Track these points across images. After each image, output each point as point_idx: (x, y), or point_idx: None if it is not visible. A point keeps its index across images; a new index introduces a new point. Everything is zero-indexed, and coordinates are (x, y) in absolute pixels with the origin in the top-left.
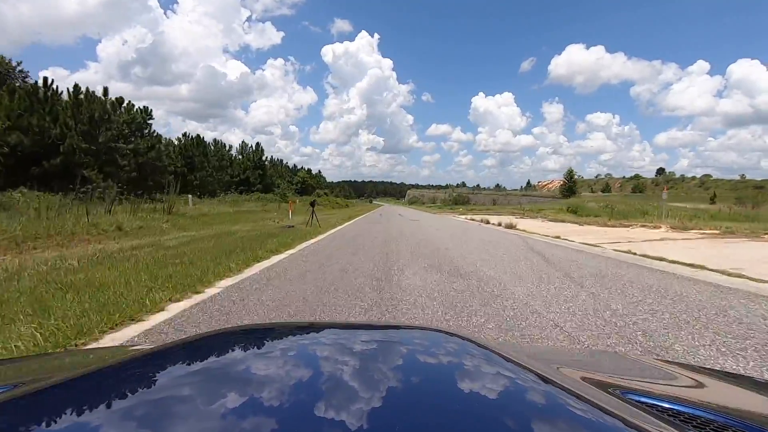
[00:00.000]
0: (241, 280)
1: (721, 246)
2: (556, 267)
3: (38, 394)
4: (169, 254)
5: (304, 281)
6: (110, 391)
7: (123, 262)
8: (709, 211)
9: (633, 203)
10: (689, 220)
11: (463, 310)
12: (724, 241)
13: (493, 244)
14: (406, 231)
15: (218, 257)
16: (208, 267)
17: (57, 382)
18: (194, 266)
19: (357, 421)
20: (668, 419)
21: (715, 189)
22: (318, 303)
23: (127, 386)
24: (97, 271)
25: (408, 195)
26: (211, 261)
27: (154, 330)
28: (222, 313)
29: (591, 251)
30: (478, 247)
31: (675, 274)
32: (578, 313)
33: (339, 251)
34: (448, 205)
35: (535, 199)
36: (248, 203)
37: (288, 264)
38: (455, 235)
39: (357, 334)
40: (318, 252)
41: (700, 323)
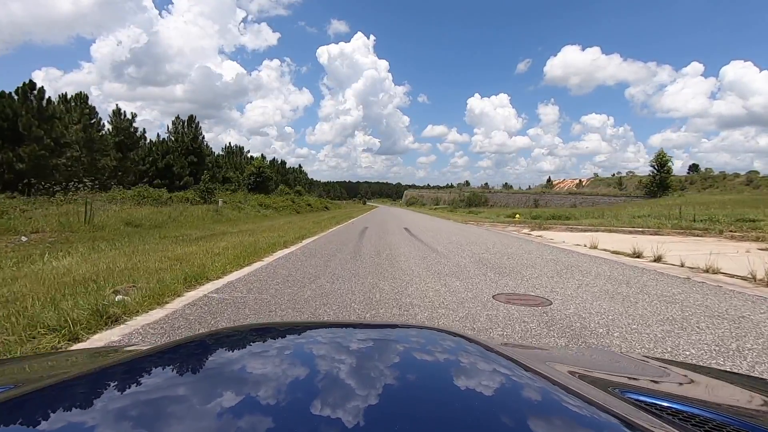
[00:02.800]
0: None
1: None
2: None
3: (38, 394)
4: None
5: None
6: (110, 392)
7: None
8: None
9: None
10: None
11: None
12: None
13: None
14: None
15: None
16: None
17: (57, 382)
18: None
19: (354, 419)
20: (667, 417)
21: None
22: None
23: (127, 386)
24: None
25: (405, 195)
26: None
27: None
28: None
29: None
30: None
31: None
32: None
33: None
34: (460, 207)
35: (581, 199)
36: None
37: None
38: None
39: (355, 333)
40: None
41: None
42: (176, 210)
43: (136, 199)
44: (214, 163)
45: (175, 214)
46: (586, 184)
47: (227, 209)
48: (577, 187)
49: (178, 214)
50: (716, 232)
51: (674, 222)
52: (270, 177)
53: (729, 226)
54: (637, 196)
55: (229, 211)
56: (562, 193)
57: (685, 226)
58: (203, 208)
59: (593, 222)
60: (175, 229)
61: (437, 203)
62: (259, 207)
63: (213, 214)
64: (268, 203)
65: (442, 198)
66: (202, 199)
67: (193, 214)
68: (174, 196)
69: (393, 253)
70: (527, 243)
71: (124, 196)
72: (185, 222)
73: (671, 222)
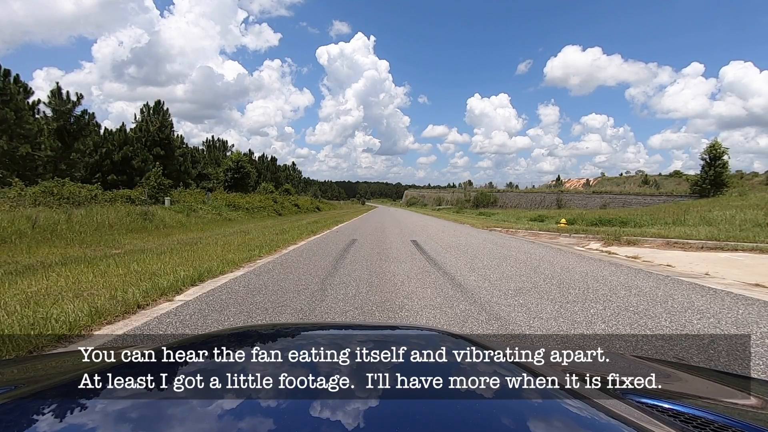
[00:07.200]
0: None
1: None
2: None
3: (39, 394)
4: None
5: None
6: (110, 392)
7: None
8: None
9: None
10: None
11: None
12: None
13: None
14: None
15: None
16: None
17: (57, 382)
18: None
19: (354, 420)
20: (668, 419)
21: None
22: None
23: (127, 386)
24: None
25: (405, 196)
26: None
27: None
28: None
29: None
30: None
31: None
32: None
33: None
34: (466, 208)
35: (608, 198)
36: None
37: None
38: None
39: (356, 335)
40: None
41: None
42: (80, 213)
43: (40, 197)
44: (189, 157)
45: (77, 218)
46: (594, 183)
47: (172, 212)
48: (584, 186)
49: (65, 219)
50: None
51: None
52: (247, 172)
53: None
54: (681, 195)
55: (173, 214)
56: (584, 193)
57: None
58: (124, 210)
59: (683, 232)
60: (39, 245)
61: (440, 203)
62: (227, 208)
63: (138, 218)
64: (241, 203)
65: (445, 198)
66: (152, 198)
67: (106, 219)
68: (107, 195)
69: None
70: (676, 286)
71: (23, 193)
72: (84, 230)
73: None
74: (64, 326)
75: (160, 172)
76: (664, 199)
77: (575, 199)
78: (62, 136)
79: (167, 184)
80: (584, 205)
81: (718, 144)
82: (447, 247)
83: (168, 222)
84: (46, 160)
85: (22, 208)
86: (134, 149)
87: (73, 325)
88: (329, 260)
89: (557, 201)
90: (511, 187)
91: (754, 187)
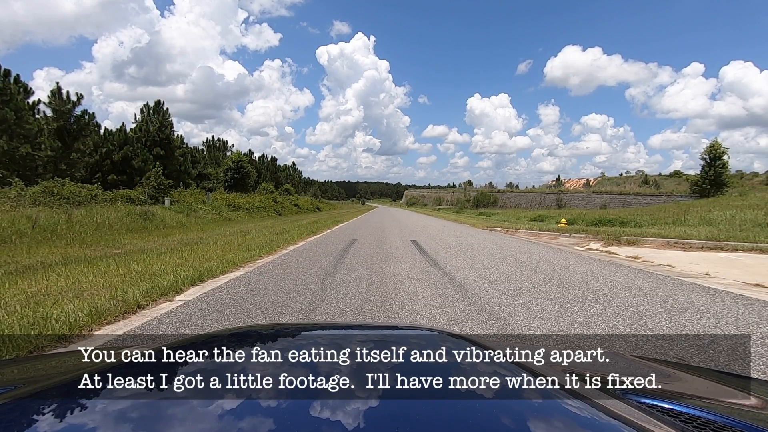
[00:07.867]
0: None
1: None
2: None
3: (39, 394)
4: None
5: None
6: (110, 392)
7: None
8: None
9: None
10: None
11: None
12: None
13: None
14: None
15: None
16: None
17: (57, 382)
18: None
19: (354, 420)
20: (669, 419)
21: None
22: None
23: (127, 386)
24: None
25: (405, 196)
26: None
27: None
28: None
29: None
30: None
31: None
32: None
33: None
34: (467, 208)
35: (608, 198)
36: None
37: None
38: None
39: (356, 335)
40: None
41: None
42: (80, 213)
43: (40, 197)
44: (189, 157)
45: (77, 218)
46: (594, 183)
47: (172, 212)
48: (584, 186)
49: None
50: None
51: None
52: (247, 172)
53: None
54: (681, 195)
55: (173, 214)
56: (584, 193)
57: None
58: (124, 210)
59: (683, 232)
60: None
61: (440, 203)
62: (227, 208)
63: (138, 218)
64: (241, 203)
65: (445, 198)
66: (152, 198)
67: (106, 219)
68: (107, 195)
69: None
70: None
71: (23, 193)
72: (85, 230)
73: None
74: (64, 326)
75: (160, 172)
76: (664, 199)
77: (575, 199)
78: (62, 136)
79: (167, 184)
80: (584, 205)
81: (718, 144)
82: (447, 247)
83: (168, 222)
84: (46, 160)
85: (22, 208)
86: (134, 149)
87: (73, 325)
88: (329, 260)
89: (557, 201)
90: (511, 187)
91: (754, 187)
